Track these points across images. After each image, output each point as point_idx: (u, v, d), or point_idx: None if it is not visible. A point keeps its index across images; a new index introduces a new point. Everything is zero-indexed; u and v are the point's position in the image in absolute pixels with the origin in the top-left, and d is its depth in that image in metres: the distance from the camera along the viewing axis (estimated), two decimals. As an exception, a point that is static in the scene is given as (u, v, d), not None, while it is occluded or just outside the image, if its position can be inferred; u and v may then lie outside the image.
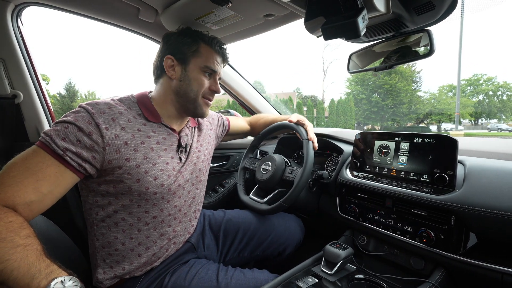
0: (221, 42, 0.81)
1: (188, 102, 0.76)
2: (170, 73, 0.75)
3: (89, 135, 0.60)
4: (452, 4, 0.66)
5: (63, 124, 0.60)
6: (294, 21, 0.88)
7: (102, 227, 0.69)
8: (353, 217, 0.91)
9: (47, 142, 0.57)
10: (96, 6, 0.90)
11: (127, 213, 0.69)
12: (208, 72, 0.77)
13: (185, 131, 0.81)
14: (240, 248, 0.95)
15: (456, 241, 0.68)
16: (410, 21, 0.74)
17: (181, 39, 0.75)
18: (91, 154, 0.60)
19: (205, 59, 0.76)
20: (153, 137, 0.71)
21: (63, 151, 0.57)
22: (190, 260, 0.80)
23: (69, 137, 0.58)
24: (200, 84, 0.76)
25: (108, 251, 0.70)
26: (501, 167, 0.71)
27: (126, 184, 0.66)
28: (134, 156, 0.66)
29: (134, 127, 0.68)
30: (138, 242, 0.71)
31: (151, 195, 0.69)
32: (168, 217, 0.75)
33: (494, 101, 23.09)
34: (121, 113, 0.67)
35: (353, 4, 0.54)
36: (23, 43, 0.93)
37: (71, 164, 0.58)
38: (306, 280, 0.71)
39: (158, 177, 0.70)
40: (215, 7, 0.80)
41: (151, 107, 0.74)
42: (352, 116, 19.82)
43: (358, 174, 0.94)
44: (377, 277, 0.76)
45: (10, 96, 0.91)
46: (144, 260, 0.72)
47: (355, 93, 22.86)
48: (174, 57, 0.74)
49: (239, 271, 0.76)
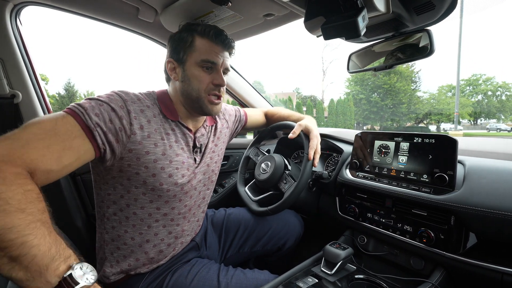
0: (218, 29, 0.74)
1: (193, 102, 0.74)
2: (173, 76, 0.74)
3: (121, 119, 0.61)
4: (452, 4, 0.66)
5: (97, 101, 0.60)
6: (294, 21, 0.87)
7: (114, 220, 0.70)
8: (353, 217, 0.91)
9: (80, 112, 0.56)
10: (95, 6, 0.89)
11: (139, 207, 0.69)
12: (207, 66, 0.72)
13: (201, 131, 0.80)
14: (240, 243, 0.96)
15: (456, 241, 0.68)
16: (410, 21, 0.74)
17: (177, 38, 0.74)
18: (115, 138, 0.60)
19: (201, 52, 0.71)
20: (172, 135, 0.72)
21: (94, 126, 0.56)
22: (192, 259, 0.81)
23: (103, 114, 0.58)
24: (200, 80, 0.72)
25: (117, 244, 0.71)
26: (501, 167, 0.71)
27: (141, 176, 0.66)
28: (154, 151, 0.66)
29: (157, 122, 0.69)
30: (146, 238, 0.72)
31: (164, 191, 0.70)
32: (178, 215, 0.76)
33: (493, 101, 23.14)
34: (148, 107, 0.68)
35: (353, 4, 0.54)
36: (22, 43, 0.93)
37: (97, 140, 0.57)
38: (306, 280, 0.71)
39: (173, 175, 0.70)
40: (215, 7, 0.80)
41: (170, 105, 0.74)
42: (352, 116, 19.83)
43: (358, 174, 0.94)
44: (377, 277, 0.76)
45: (9, 96, 0.91)
46: (151, 257, 0.73)
47: (354, 93, 22.87)
48: (173, 59, 0.74)
49: (239, 271, 0.76)
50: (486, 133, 20.10)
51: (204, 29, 0.72)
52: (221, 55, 0.73)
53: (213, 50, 0.72)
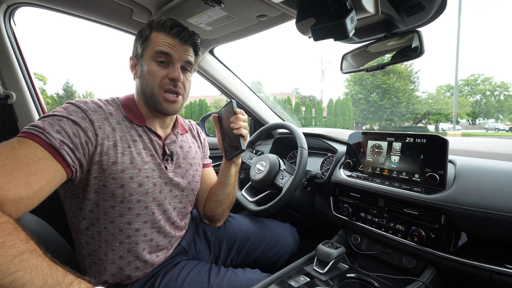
0: (176, 22, 0.69)
1: (149, 100, 0.69)
2: (133, 73, 0.72)
3: (85, 131, 0.57)
4: (442, 5, 0.67)
5: (54, 117, 0.55)
6: (287, 22, 0.88)
7: (87, 235, 0.66)
8: (347, 216, 0.92)
9: (39, 132, 0.51)
10: (89, 7, 0.89)
11: (109, 222, 0.65)
12: (161, 60, 0.67)
13: (171, 138, 0.76)
14: (231, 255, 0.89)
15: (446, 240, 0.69)
16: (401, 22, 0.74)
17: (138, 33, 0.71)
18: (82, 152, 0.56)
19: (154, 44, 0.66)
20: (139, 142, 0.68)
21: (60, 144, 0.52)
22: (181, 262, 0.77)
23: (65, 129, 0.54)
24: (152, 74, 0.67)
25: (93, 259, 0.67)
26: (491, 166, 0.72)
27: (109, 188, 0.62)
28: (121, 160, 0.63)
29: (123, 129, 0.65)
30: (119, 255, 0.67)
31: (134, 203, 0.65)
32: (151, 229, 0.70)
33: (491, 101, 23.20)
34: (111, 114, 0.65)
35: (342, 6, 0.55)
36: (16, 44, 0.93)
37: (66, 159, 0.53)
38: (298, 279, 0.71)
39: (143, 184, 0.66)
40: (208, 8, 0.80)
41: (135, 109, 0.70)
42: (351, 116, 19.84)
43: (352, 174, 0.95)
44: (368, 276, 0.76)
45: (3, 96, 0.91)
46: (127, 274, 0.68)
47: (353, 93, 22.90)
48: (133, 55, 0.71)
49: (231, 271, 0.76)
50: (484, 133, 20.17)
51: (160, 22, 0.67)
52: (177, 48, 0.68)
53: (167, 43, 0.67)
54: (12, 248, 0.37)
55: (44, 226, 0.77)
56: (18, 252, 0.37)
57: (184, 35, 0.68)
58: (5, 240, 0.37)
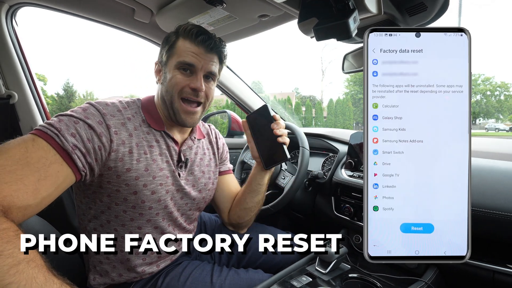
0: (202, 29, 0.67)
1: (168, 107, 0.69)
2: (157, 78, 0.72)
3: (100, 137, 0.56)
4: (444, 5, 0.66)
5: (71, 118, 0.54)
6: (289, 22, 0.88)
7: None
8: (348, 216, 0.92)
9: (54, 134, 0.50)
10: (91, 7, 0.90)
11: (120, 225, 0.65)
12: (184, 68, 0.67)
13: (188, 143, 0.75)
14: (232, 262, 0.87)
15: (449, 240, 0.69)
16: (403, 22, 0.74)
17: (164, 39, 0.71)
18: (94, 157, 0.56)
19: (179, 53, 0.66)
20: (156, 147, 0.67)
21: (72, 148, 0.51)
22: (183, 261, 0.77)
23: (80, 133, 0.53)
24: (174, 82, 0.66)
25: (100, 258, 0.67)
26: (492, 166, 0.72)
27: (122, 194, 0.62)
28: (136, 167, 0.62)
29: (140, 135, 0.64)
30: (127, 257, 0.67)
31: (146, 209, 0.65)
32: (160, 235, 0.70)
33: (491, 101, 23.21)
34: (129, 119, 0.64)
35: (345, 6, 0.55)
36: (18, 44, 0.93)
37: (77, 163, 0.52)
38: (300, 279, 0.71)
39: (156, 191, 0.66)
40: (210, 8, 0.80)
41: (155, 113, 0.70)
42: (351, 116, 19.85)
43: (353, 174, 0.95)
44: (370, 276, 0.76)
45: (5, 96, 0.91)
46: (133, 275, 0.69)
47: (353, 93, 22.92)
48: (159, 61, 0.72)
49: (233, 271, 0.75)
50: (484, 133, 20.16)
51: (186, 29, 0.67)
52: (202, 57, 0.67)
53: (192, 51, 0.66)
54: (9, 257, 0.36)
55: (46, 225, 0.77)
56: (14, 262, 0.36)
57: (209, 43, 0.67)
58: (3, 249, 0.36)
